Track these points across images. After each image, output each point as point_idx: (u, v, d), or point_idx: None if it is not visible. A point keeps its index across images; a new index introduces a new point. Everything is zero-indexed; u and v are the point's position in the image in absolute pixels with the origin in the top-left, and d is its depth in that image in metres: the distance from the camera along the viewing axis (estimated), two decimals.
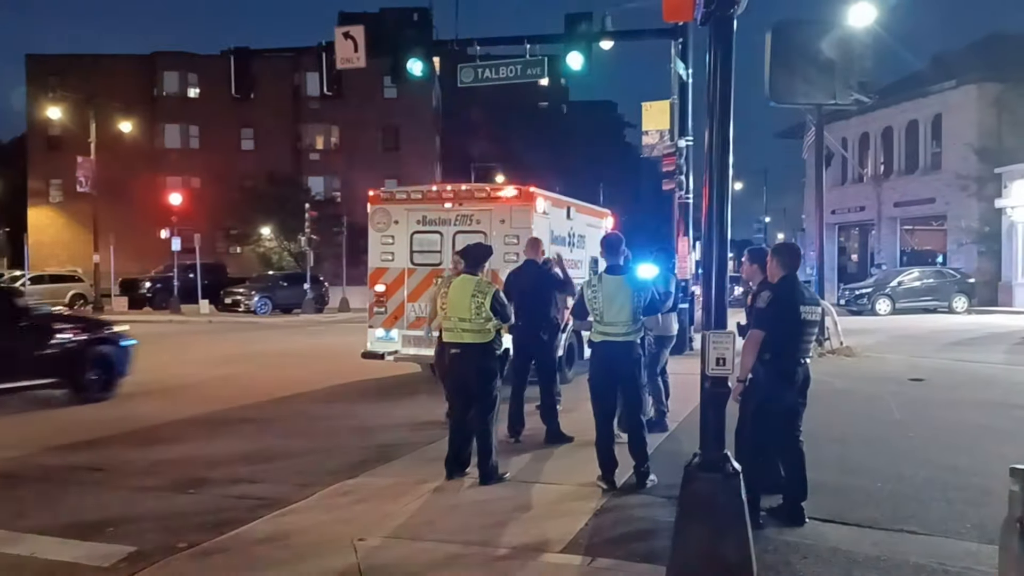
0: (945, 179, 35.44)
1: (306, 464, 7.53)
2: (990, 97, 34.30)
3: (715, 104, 4.41)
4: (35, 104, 49.73)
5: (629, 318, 6.44)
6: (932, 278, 30.67)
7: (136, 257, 43.35)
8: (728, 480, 4.29)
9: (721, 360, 4.33)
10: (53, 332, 11.14)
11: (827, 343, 15.78)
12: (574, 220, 12.84)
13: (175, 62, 53.14)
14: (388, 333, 12.01)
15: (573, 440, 8.00)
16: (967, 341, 19.07)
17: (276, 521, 5.72)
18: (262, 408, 10.76)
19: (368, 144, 52.06)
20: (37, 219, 51.62)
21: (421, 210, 11.87)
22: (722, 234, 4.43)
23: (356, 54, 16.45)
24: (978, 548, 5.07)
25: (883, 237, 40.13)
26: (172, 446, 8.36)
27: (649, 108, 17.63)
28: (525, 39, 16.59)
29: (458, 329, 6.72)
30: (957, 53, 38.46)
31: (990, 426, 9.11)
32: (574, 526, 5.50)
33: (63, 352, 10.89)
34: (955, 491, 6.35)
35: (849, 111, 32.08)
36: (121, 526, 5.73)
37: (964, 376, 13.27)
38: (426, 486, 6.52)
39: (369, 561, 4.92)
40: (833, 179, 39.89)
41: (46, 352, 10.72)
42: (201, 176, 51.57)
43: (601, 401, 6.59)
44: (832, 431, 8.19)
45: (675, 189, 16.90)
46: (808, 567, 4.83)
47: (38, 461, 7.67)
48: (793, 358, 5.59)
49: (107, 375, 11.28)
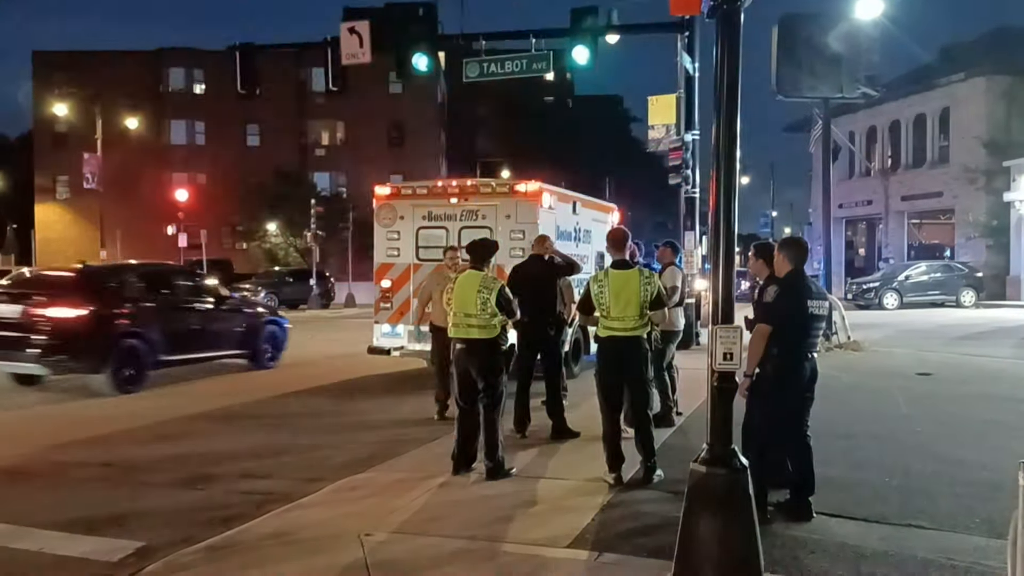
0: (953, 172, 35.29)
1: (313, 459, 7.54)
2: (999, 90, 34.14)
3: (722, 98, 4.38)
4: (41, 101, 49.86)
5: (636, 313, 6.43)
6: (940, 272, 30.55)
7: (143, 253, 43.29)
8: (735, 475, 4.28)
9: (728, 355, 4.32)
10: (242, 314, 13.86)
11: (834, 338, 15.74)
12: (580, 215, 12.82)
13: (181, 58, 53.25)
14: (394, 329, 12.02)
15: (579, 435, 8.00)
16: (975, 335, 19.01)
17: (283, 516, 5.73)
18: (268, 404, 10.79)
19: (374, 139, 52.08)
20: (44, 215, 51.82)
21: (427, 205, 11.87)
22: (729, 228, 4.40)
23: (361, 49, 16.45)
24: (987, 543, 5.05)
25: (890, 231, 40.01)
26: (180, 442, 8.39)
27: (655, 102, 17.59)
28: (530, 33, 16.58)
29: (464, 324, 6.72)
30: (965, 46, 38.30)
31: (998, 420, 9.07)
32: (581, 521, 5.50)
33: (248, 329, 13.70)
34: (963, 486, 6.32)
35: (856, 104, 32.05)
36: (129, 521, 5.75)
37: (972, 370, 13.22)
38: (433, 481, 6.52)
39: (376, 556, 4.92)
40: (840, 173, 39.78)
41: (238, 330, 13.52)
42: (207, 172, 51.72)
43: (608, 396, 6.58)
44: (840, 426, 8.17)
45: (681, 183, 16.87)
46: (815, 562, 4.82)
47: (47, 457, 7.70)
48: (801, 353, 5.57)
49: (275, 349, 14.28)
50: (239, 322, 13.60)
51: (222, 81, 35.30)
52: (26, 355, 10.84)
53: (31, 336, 10.81)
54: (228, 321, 13.40)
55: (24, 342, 10.78)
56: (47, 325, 10.85)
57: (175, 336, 12.17)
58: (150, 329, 11.73)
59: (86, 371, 11.27)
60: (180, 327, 12.41)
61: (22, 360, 11.02)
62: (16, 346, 10.81)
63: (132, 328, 11.56)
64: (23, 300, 11.17)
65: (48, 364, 10.96)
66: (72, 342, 10.85)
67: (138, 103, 45.74)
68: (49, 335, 10.80)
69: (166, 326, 12.02)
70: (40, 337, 10.80)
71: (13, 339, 10.82)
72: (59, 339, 10.78)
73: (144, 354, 11.60)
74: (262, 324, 14.13)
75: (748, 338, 5.32)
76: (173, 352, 12.12)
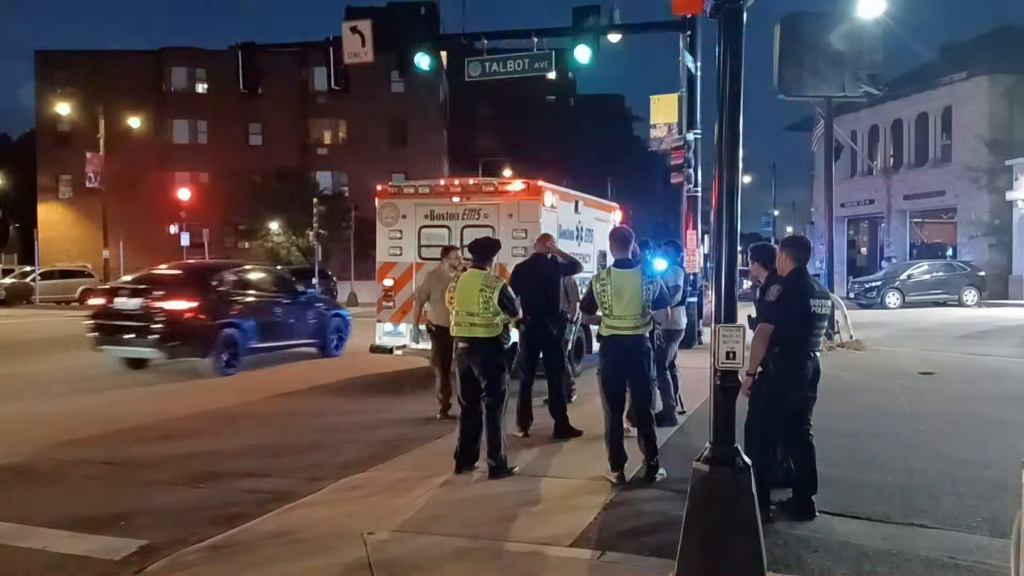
0: (955, 171, 35.25)
1: (315, 458, 7.54)
2: (1002, 88, 34.08)
3: (725, 97, 4.38)
4: (44, 100, 49.96)
5: (638, 311, 6.43)
6: (942, 271, 30.51)
7: (145, 252, 43.47)
8: (738, 474, 4.28)
9: (731, 354, 4.31)
10: (313, 308, 15.38)
11: (837, 337, 15.73)
12: (582, 214, 12.81)
13: (183, 58, 53.32)
14: (396, 327, 12.02)
15: (582, 434, 8.00)
16: (978, 334, 18.99)
17: (286, 515, 5.73)
18: (271, 403, 10.79)
19: (376, 139, 52.12)
20: (47, 215, 51.88)
21: (429, 204, 11.87)
22: (732, 227, 4.40)
23: (363, 49, 16.46)
24: (990, 542, 5.05)
25: (893, 230, 39.96)
26: (182, 441, 8.39)
27: (657, 101, 17.58)
28: (532, 32, 16.58)
29: (467, 323, 6.72)
30: (967, 44, 38.25)
31: (1001, 420, 9.06)
32: (583, 520, 5.50)
33: (318, 321, 15.21)
34: (966, 485, 6.32)
35: (858, 103, 32.03)
36: (132, 520, 5.75)
37: (975, 370, 13.21)
38: (435, 480, 6.52)
39: (378, 555, 4.92)
40: (842, 172, 39.73)
41: (311, 322, 15.06)
42: (209, 171, 51.77)
43: (611, 395, 6.57)
44: (842, 425, 8.17)
45: (683, 182, 16.85)
46: (818, 561, 4.81)
47: (50, 455, 7.71)
48: (803, 352, 5.56)
49: (340, 339, 15.78)
50: (311, 315, 15.25)
51: (224, 80, 35.28)
52: (146, 341, 12.65)
53: (150, 325, 12.60)
54: (303, 314, 15.07)
55: (145, 331, 12.61)
56: (163, 316, 12.62)
57: (263, 327, 13.87)
58: (244, 320, 13.46)
59: (195, 355, 13.05)
60: (266, 319, 14.10)
61: (142, 346, 12.82)
62: (138, 334, 12.66)
63: (230, 319, 13.28)
64: (142, 295, 12.98)
65: (164, 349, 12.77)
66: (184, 330, 12.67)
67: (141, 102, 45.81)
68: (165, 325, 12.58)
69: (256, 318, 13.75)
70: (158, 326, 12.57)
71: (135, 328, 12.69)
72: (173, 328, 12.59)
73: (240, 342, 13.31)
74: (329, 317, 15.75)
75: (751, 337, 5.32)
76: (262, 341, 13.88)
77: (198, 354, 12.96)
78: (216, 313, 13.10)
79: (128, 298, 13.09)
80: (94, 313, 13.71)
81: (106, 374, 13.12)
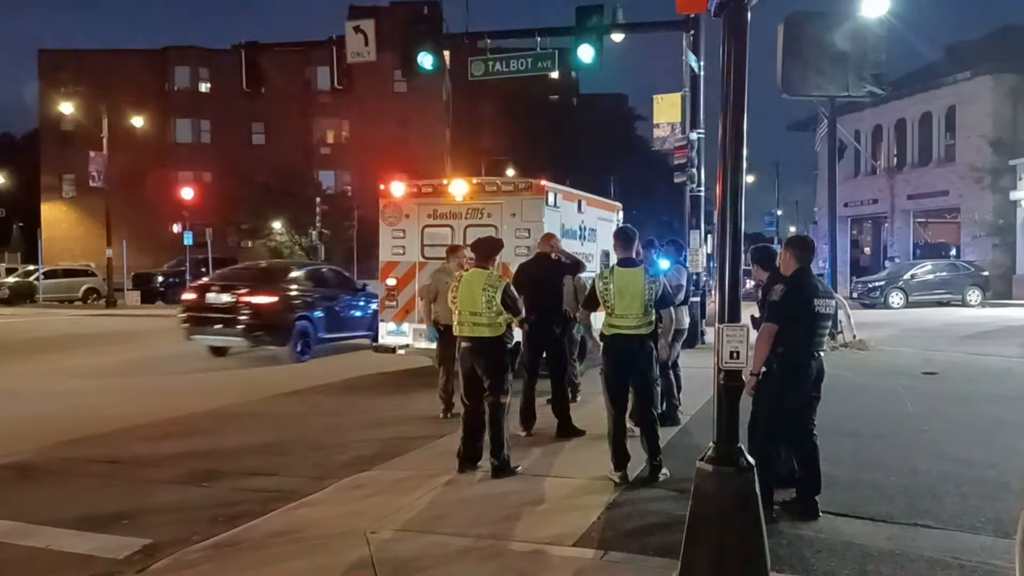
0: (959, 171, 35.18)
1: (319, 457, 7.55)
2: (1006, 88, 34.01)
3: (729, 96, 4.37)
4: (47, 99, 50.03)
5: (640, 311, 6.43)
6: (946, 271, 30.45)
7: (148, 251, 43.65)
8: (742, 474, 4.26)
9: (735, 353, 4.30)
10: (368, 303, 16.27)
11: (840, 336, 15.70)
12: (585, 213, 12.80)
13: (186, 57, 53.38)
14: (399, 327, 12.03)
15: (585, 434, 7.99)
16: (981, 334, 18.94)
17: (289, 514, 5.74)
18: (274, 401, 10.80)
19: (379, 138, 52.05)
20: (50, 214, 51.98)
21: (432, 204, 11.86)
22: (735, 227, 4.39)
23: (366, 48, 16.45)
24: (994, 542, 5.03)
25: (896, 230, 39.89)
26: (186, 439, 8.40)
27: (660, 101, 17.55)
28: (535, 32, 16.55)
29: (469, 323, 6.72)
30: (971, 44, 38.16)
31: (1005, 420, 9.04)
32: (586, 520, 5.49)
33: (371, 315, 15.69)
34: (970, 485, 6.30)
35: (862, 103, 31.99)
36: (135, 518, 5.77)
37: (978, 370, 13.17)
38: (438, 479, 6.52)
39: (382, 554, 4.92)
40: (846, 172, 39.65)
41: (367, 316, 16.15)
42: (212, 171, 51.81)
43: (613, 394, 6.56)
44: (846, 425, 8.15)
45: (686, 182, 16.82)
46: (822, 561, 4.80)
47: (54, 454, 7.73)
48: (807, 351, 5.55)
49: None
50: (367, 309, 16.33)
51: (228, 80, 35.37)
52: (235, 331, 14.27)
53: (238, 317, 14.21)
54: (360, 309, 16.43)
55: (233, 322, 14.22)
56: (249, 310, 14.24)
57: (329, 319, 15.38)
58: (314, 313, 15.05)
59: (275, 344, 14.59)
60: (332, 313, 15.57)
61: (231, 335, 14.48)
62: (228, 325, 14.29)
63: (304, 312, 14.86)
64: (231, 291, 14.61)
65: (250, 338, 14.40)
66: (266, 322, 14.29)
67: (144, 101, 45.86)
68: (251, 316, 14.20)
69: (324, 312, 15.27)
70: (244, 318, 14.18)
71: (225, 319, 14.34)
72: (258, 319, 14.21)
73: (311, 332, 14.88)
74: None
75: (754, 336, 5.31)
76: (328, 332, 15.39)
77: (277, 343, 14.53)
78: (292, 307, 14.74)
79: (218, 293, 14.72)
80: (186, 307, 15.16)
81: (108, 373, 13.20)
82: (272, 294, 14.60)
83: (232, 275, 16.28)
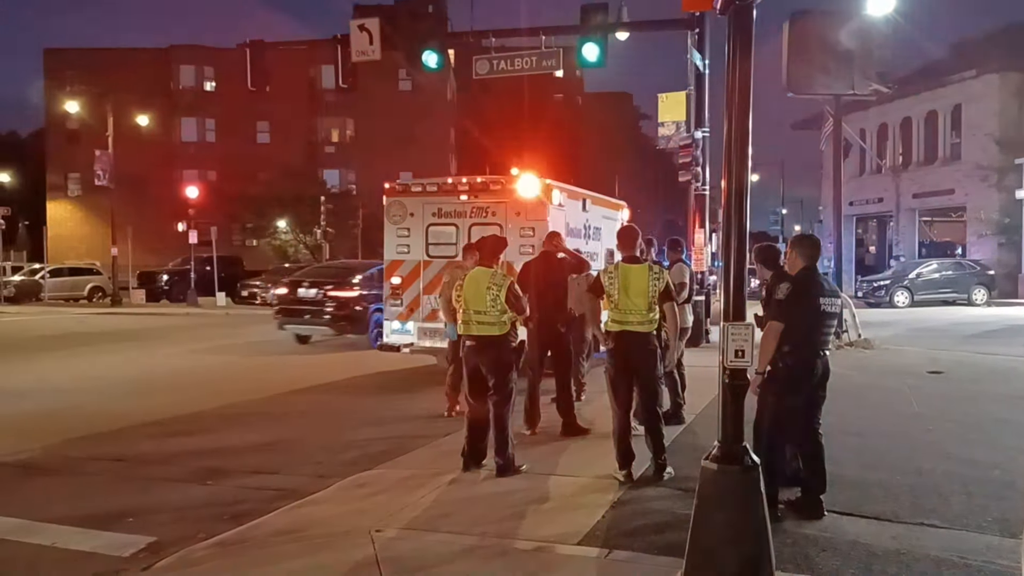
0: (965, 170, 35.07)
1: (323, 456, 7.56)
2: (1012, 86, 33.89)
3: (734, 95, 4.36)
4: (53, 98, 50.10)
5: (644, 307, 6.42)
6: (951, 270, 30.36)
7: (153, 250, 43.71)
8: (746, 473, 4.26)
9: (740, 352, 4.30)
10: None
11: (845, 336, 15.67)
12: (590, 212, 12.80)
13: (191, 55, 53.42)
14: (404, 326, 12.03)
15: (589, 432, 7.99)
16: (987, 334, 18.90)
17: (294, 512, 5.74)
18: (279, 400, 10.82)
19: (383, 136, 52.06)
20: (56, 212, 52.08)
21: (437, 202, 11.87)
22: (740, 225, 4.38)
23: (371, 47, 16.46)
24: (999, 542, 5.02)
25: (902, 229, 39.79)
26: (191, 438, 8.42)
27: (665, 99, 17.55)
28: (540, 30, 16.56)
29: (474, 321, 6.72)
30: (978, 42, 37.98)
31: (1011, 420, 9.01)
32: (591, 518, 5.49)
33: None
34: (975, 485, 6.28)
35: (867, 101, 31.81)
36: (140, 516, 5.78)
37: (984, 369, 13.14)
38: (443, 478, 6.52)
39: (386, 552, 4.93)
40: (851, 170, 39.55)
41: None
42: (217, 169, 51.86)
43: (618, 393, 6.57)
44: (851, 424, 8.14)
45: (691, 181, 16.80)
46: (827, 560, 4.79)
47: (59, 452, 7.75)
48: (812, 350, 5.54)
49: None
50: None
51: (233, 78, 35.28)
52: (322, 321, 16.34)
53: (324, 308, 16.29)
54: None
55: (320, 313, 16.33)
56: (334, 302, 16.27)
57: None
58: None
59: (355, 332, 16.22)
60: None
61: (318, 325, 16.52)
62: (315, 316, 16.40)
63: (378, 305, 15.21)
64: (317, 286, 16.69)
65: (335, 327, 16.31)
66: (349, 313, 16.15)
67: (149, 100, 45.86)
68: (336, 308, 16.22)
69: None
70: (330, 309, 16.23)
71: (313, 311, 16.42)
72: (342, 311, 16.18)
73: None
74: None
75: (759, 335, 5.30)
76: None
77: (358, 331, 16.10)
78: (369, 300, 16.13)
79: (307, 288, 16.76)
80: (279, 299, 17.41)
81: (109, 373, 13.18)
82: (352, 289, 16.44)
83: (316, 272, 18.90)
